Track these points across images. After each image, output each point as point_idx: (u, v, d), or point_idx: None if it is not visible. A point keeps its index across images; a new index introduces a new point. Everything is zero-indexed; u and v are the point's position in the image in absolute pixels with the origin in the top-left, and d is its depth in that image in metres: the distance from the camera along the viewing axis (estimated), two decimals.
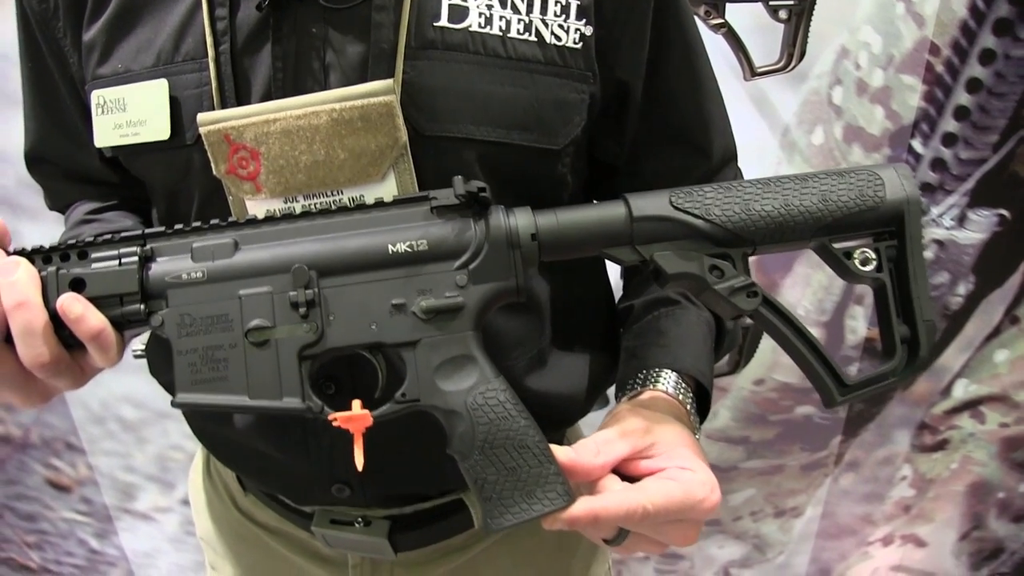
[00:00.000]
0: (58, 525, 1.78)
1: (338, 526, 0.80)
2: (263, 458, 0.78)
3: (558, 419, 0.81)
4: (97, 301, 0.58)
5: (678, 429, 0.63)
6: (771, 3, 1.27)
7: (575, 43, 0.68)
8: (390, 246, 0.59)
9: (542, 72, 0.68)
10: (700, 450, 0.63)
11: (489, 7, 0.66)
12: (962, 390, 1.80)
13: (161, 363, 0.84)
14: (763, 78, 1.36)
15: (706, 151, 0.78)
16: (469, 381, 0.59)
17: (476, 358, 0.59)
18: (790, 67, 1.30)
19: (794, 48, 1.29)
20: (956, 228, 1.61)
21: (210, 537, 0.95)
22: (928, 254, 1.65)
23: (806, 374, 0.65)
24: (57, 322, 0.58)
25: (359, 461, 0.58)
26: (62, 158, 0.83)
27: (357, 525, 0.80)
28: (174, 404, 0.59)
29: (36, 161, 0.86)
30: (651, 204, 0.61)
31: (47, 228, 1.01)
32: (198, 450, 0.97)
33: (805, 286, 1.66)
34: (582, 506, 0.56)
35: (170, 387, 0.79)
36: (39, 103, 0.82)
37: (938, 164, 1.54)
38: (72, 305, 0.57)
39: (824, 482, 1.88)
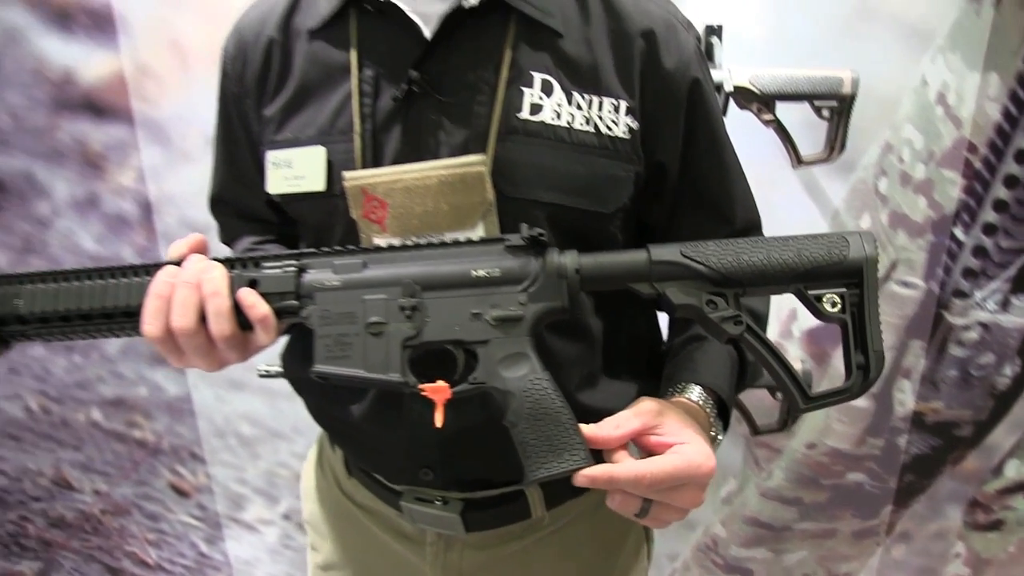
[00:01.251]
0: (175, 527, 2.09)
1: (422, 503, 1.02)
2: (368, 438, 1.02)
3: None
4: (265, 296, 0.85)
5: (684, 415, 0.85)
6: (815, 103, 1.51)
7: (624, 134, 0.91)
8: (473, 271, 0.83)
9: (598, 155, 0.91)
10: (703, 433, 0.84)
11: (559, 105, 0.89)
12: (1014, 470, 1.94)
13: (295, 362, 1.10)
14: (813, 167, 1.59)
15: (729, 219, 1.00)
16: (523, 371, 0.82)
17: (529, 356, 0.83)
18: (832, 158, 1.54)
19: (836, 142, 1.52)
20: (1000, 312, 1.79)
21: (315, 519, 1.20)
22: (973, 335, 1.82)
23: (780, 388, 0.85)
24: (236, 309, 0.84)
25: (438, 421, 0.82)
26: (237, 201, 1.10)
27: (437, 503, 1.02)
28: (312, 373, 0.84)
29: (217, 202, 1.13)
30: (666, 252, 0.84)
31: None
32: (312, 449, 1.23)
33: None
34: (601, 468, 0.79)
35: (299, 383, 1.07)
36: (225, 158, 1.08)
37: (980, 252, 1.74)
38: (248, 296, 0.82)
39: (876, 551, 2.02)
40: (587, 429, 0.81)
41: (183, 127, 1.76)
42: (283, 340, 1.07)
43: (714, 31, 1.46)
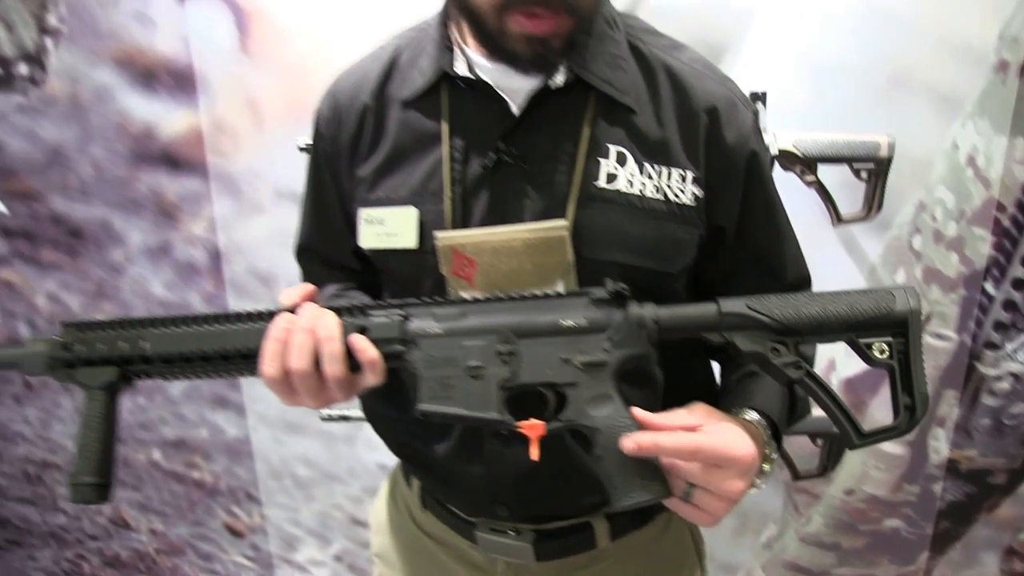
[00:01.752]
0: (228, 567, 2.17)
1: (496, 533, 1.11)
2: (451, 474, 1.10)
3: None
4: (373, 342, 0.90)
5: (732, 421, 0.92)
6: (854, 165, 1.62)
7: (690, 201, 0.99)
8: (562, 321, 0.90)
9: (666, 220, 0.99)
10: (751, 437, 0.90)
11: (632, 175, 0.98)
12: None
13: (377, 401, 1.16)
14: (851, 225, 1.70)
15: (781, 276, 1.10)
16: (608, 410, 0.90)
17: (613, 396, 0.91)
18: (870, 217, 1.64)
19: (873, 201, 1.63)
20: None
21: (386, 551, 1.28)
22: (1004, 385, 1.91)
23: (836, 425, 0.94)
24: (347, 353, 0.89)
25: (534, 455, 0.90)
26: (323, 250, 1.18)
27: (510, 534, 1.11)
28: (417, 411, 0.89)
29: (304, 251, 1.21)
30: (734, 305, 0.93)
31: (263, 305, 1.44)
32: (383, 485, 1.31)
33: (890, 408, 1.94)
34: (647, 435, 0.86)
35: (379, 421, 1.16)
36: (314, 212, 1.17)
37: (1010, 305, 1.83)
38: (359, 341, 0.89)
39: None
40: (640, 413, 0.88)
41: (254, 180, 1.88)
42: None
43: (759, 97, 1.57)
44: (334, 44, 1.73)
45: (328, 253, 1.17)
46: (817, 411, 1.77)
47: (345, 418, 1.80)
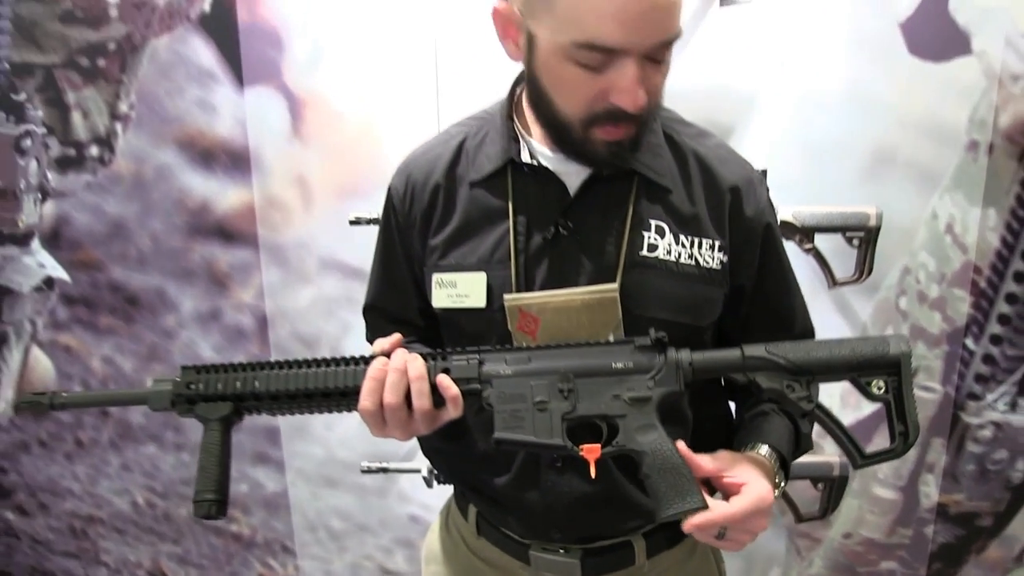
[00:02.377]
0: None
1: (547, 551, 1.27)
2: (510, 501, 1.25)
3: None
4: (455, 381, 1.05)
5: (751, 462, 1.09)
6: (847, 234, 1.83)
7: (717, 266, 1.15)
8: (613, 363, 1.06)
9: (697, 282, 1.14)
10: (767, 476, 1.08)
11: (670, 245, 1.13)
12: None
13: (440, 440, 1.26)
14: (844, 287, 1.90)
15: (790, 328, 1.27)
16: (653, 437, 1.04)
17: (657, 426, 1.06)
18: (862, 280, 1.85)
19: (864, 266, 1.84)
20: (1009, 412, 2.08)
21: None
22: (987, 433, 2.10)
23: (841, 448, 1.12)
24: (433, 390, 1.05)
25: (592, 473, 1.06)
26: (390, 308, 1.32)
27: (561, 552, 1.26)
28: (493, 440, 1.04)
29: (371, 309, 1.35)
30: (755, 350, 1.07)
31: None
32: (436, 519, 1.44)
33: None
34: (703, 516, 1.02)
35: (440, 456, 1.31)
36: (383, 275, 1.31)
37: (988, 359, 2.04)
38: (444, 379, 1.04)
39: None
40: (682, 448, 1.06)
41: (302, 252, 2.06)
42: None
43: (761, 175, 1.79)
44: (378, 129, 1.94)
45: (394, 310, 1.32)
46: (815, 457, 1.97)
47: (384, 470, 1.95)
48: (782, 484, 1.15)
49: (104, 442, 2.21)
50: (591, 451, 1.05)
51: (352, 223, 1.81)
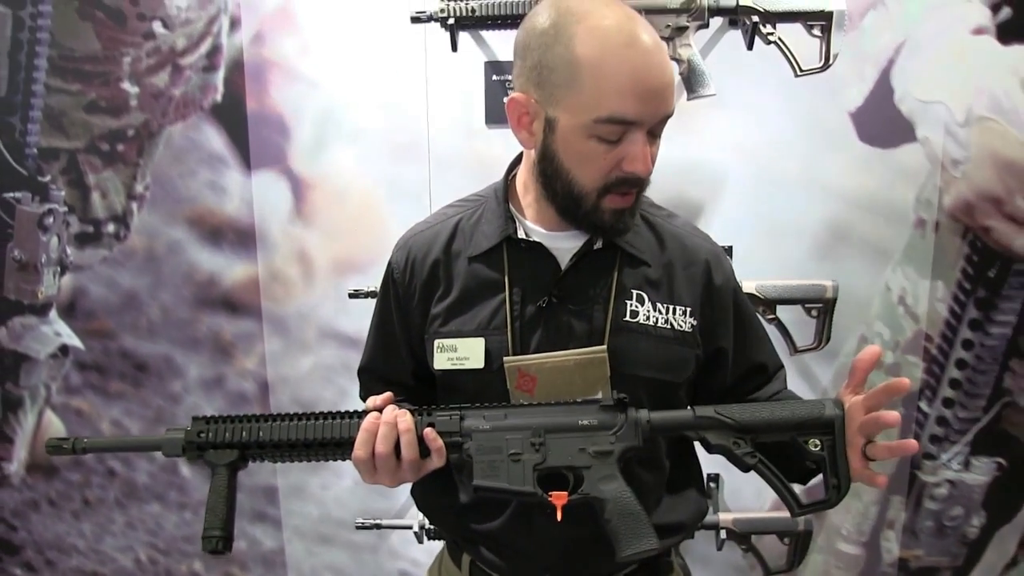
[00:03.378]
0: None
1: None
2: (504, 545, 1.36)
3: (669, 535, 1.43)
4: (439, 434, 1.18)
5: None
6: (806, 306, 2.01)
7: (689, 329, 1.29)
8: (580, 420, 1.19)
9: (673, 343, 1.28)
10: None
11: (648, 311, 1.27)
12: None
13: (434, 496, 1.42)
14: (805, 354, 2.08)
15: (767, 369, 1.41)
16: (614, 486, 1.17)
17: (618, 476, 1.17)
18: (820, 347, 2.03)
19: (822, 335, 2.02)
20: (963, 471, 2.25)
21: None
22: (943, 491, 2.27)
23: (781, 499, 1.23)
24: (419, 442, 1.17)
25: (559, 516, 1.18)
26: (384, 370, 1.43)
27: None
28: (472, 486, 1.16)
29: (365, 371, 1.47)
30: (705, 410, 1.20)
31: None
32: (430, 568, 1.56)
33: (846, 512, 2.30)
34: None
35: (435, 510, 1.43)
36: (379, 341, 1.43)
37: (942, 421, 2.21)
38: (430, 432, 1.17)
39: None
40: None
41: (302, 322, 2.22)
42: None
43: (726, 251, 1.93)
44: (375, 209, 2.12)
45: (387, 372, 1.44)
46: (781, 513, 2.12)
47: (378, 526, 2.09)
48: None
49: (110, 501, 2.35)
50: (558, 498, 1.18)
51: (351, 296, 1.98)
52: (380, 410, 1.20)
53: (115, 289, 2.22)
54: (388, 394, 1.24)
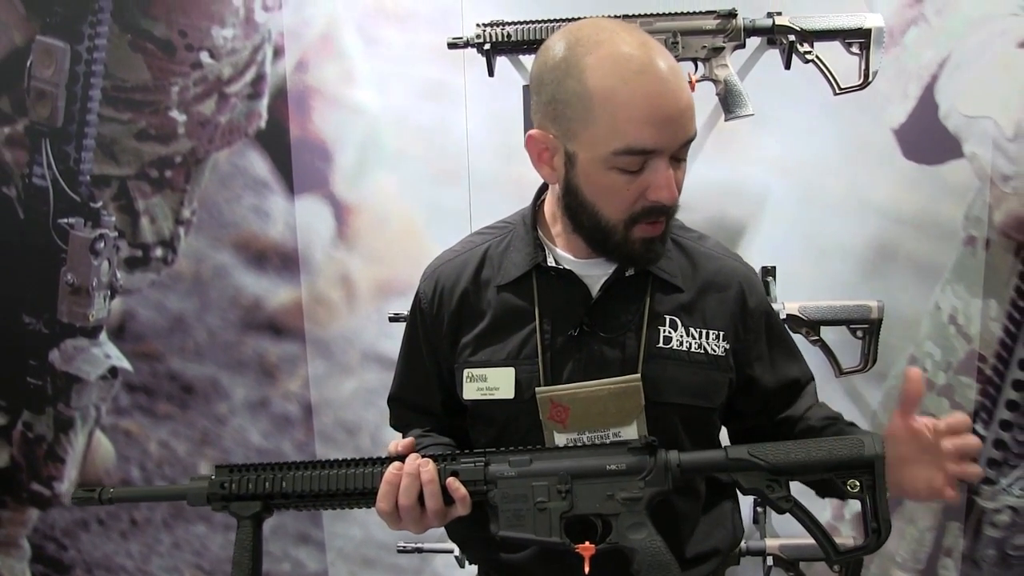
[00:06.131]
0: None
1: None
2: None
3: (703, 562, 1.47)
4: (463, 483, 1.16)
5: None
6: (851, 327, 2.03)
7: (723, 353, 1.28)
8: (608, 465, 1.16)
9: (707, 368, 1.27)
10: None
11: (682, 337, 1.26)
12: None
13: (466, 528, 1.36)
14: (852, 376, 2.09)
15: (799, 383, 1.40)
16: (643, 534, 1.14)
17: (647, 524, 1.15)
18: (867, 369, 2.04)
19: (868, 356, 2.03)
20: None
21: None
22: (1005, 518, 2.25)
23: (819, 544, 1.18)
24: (443, 491, 1.16)
25: (586, 569, 1.14)
26: (413, 399, 1.44)
27: None
28: (498, 536, 1.16)
29: (395, 399, 1.47)
30: (738, 451, 1.16)
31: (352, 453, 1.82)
32: None
33: (900, 538, 2.29)
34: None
35: (467, 542, 1.44)
36: (407, 370, 1.44)
37: (1000, 444, 2.20)
38: (453, 482, 1.16)
39: None
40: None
41: (345, 345, 2.31)
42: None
43: (769, 272, 1.98)
44: (416, 233, 2.21)
45: (416, 402, 1.46)
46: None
47: (419, 550, 2.15)
48: None
49: (157, 521, 2.46)
50: (586, 549, 1.16)
51: (392, 319, 2.05)
52: (403, 458, 1.20)
53: (163, 312, 2.34)
54: (410, 440, 1.25)
